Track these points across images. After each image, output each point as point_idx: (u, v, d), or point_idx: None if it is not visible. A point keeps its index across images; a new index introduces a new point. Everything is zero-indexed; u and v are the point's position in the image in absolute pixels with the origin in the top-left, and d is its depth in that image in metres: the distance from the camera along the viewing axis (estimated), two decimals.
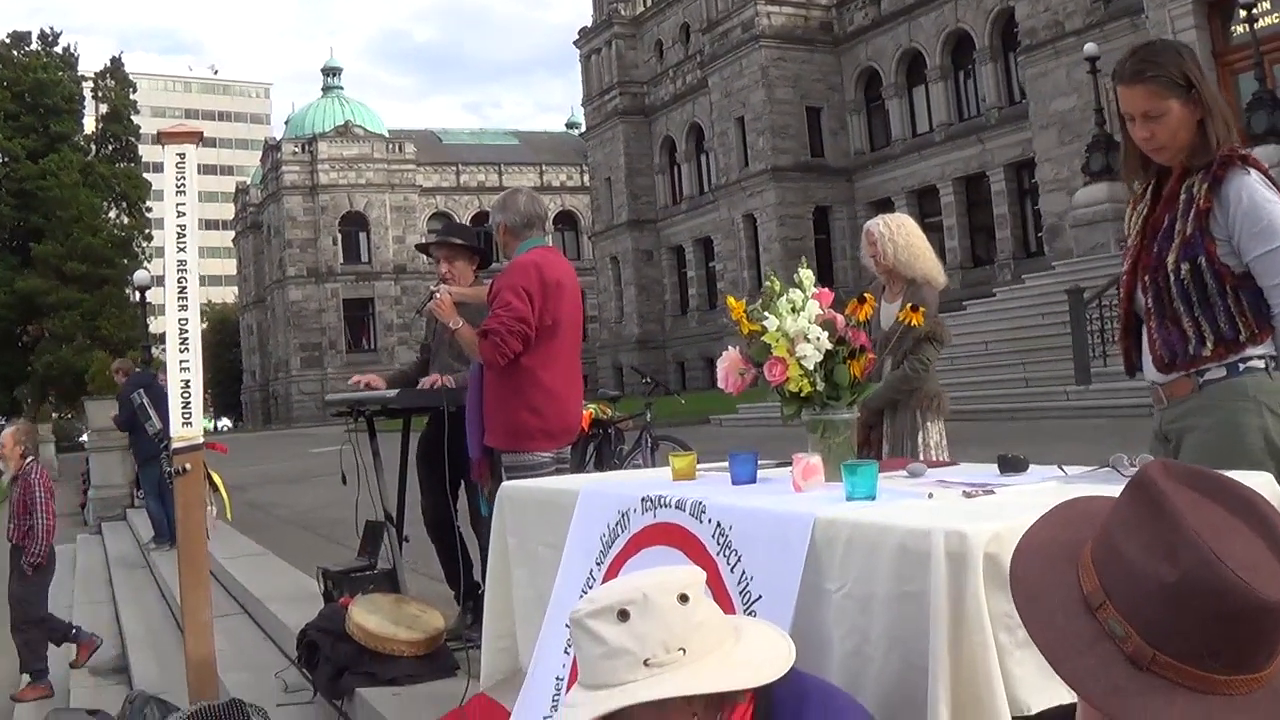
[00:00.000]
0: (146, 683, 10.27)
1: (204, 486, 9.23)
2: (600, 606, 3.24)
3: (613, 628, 3.18)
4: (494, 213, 8.47)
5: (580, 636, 3.26)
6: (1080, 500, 2.51)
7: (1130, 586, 2.05)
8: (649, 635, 3.15)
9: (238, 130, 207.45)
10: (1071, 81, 44.40)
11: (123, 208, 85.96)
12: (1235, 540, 2.00)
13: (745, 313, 5.14)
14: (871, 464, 4.39)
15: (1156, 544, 2.03)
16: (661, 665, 3.13)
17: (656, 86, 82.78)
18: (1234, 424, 4.90)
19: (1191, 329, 4.90)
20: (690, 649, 3.17)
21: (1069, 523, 2.39)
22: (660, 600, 3.20)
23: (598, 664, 3.20)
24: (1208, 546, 1.97)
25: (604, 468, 17.37)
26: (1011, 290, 40.63)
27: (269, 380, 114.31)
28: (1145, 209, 5.19)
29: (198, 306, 8.69)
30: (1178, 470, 2.16)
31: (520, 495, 6.31)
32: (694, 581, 3.33)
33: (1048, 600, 2.19)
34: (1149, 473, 2.14)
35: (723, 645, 3.27)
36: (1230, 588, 1.94)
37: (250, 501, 25.49)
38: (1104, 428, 22.24)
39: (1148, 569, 2.02)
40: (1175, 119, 4.90)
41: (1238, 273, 4.85)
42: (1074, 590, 2.17)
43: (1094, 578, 2.13)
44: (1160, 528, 2.04)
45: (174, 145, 8.76)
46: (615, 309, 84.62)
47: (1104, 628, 2.08)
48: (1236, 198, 4.81)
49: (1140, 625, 2.03)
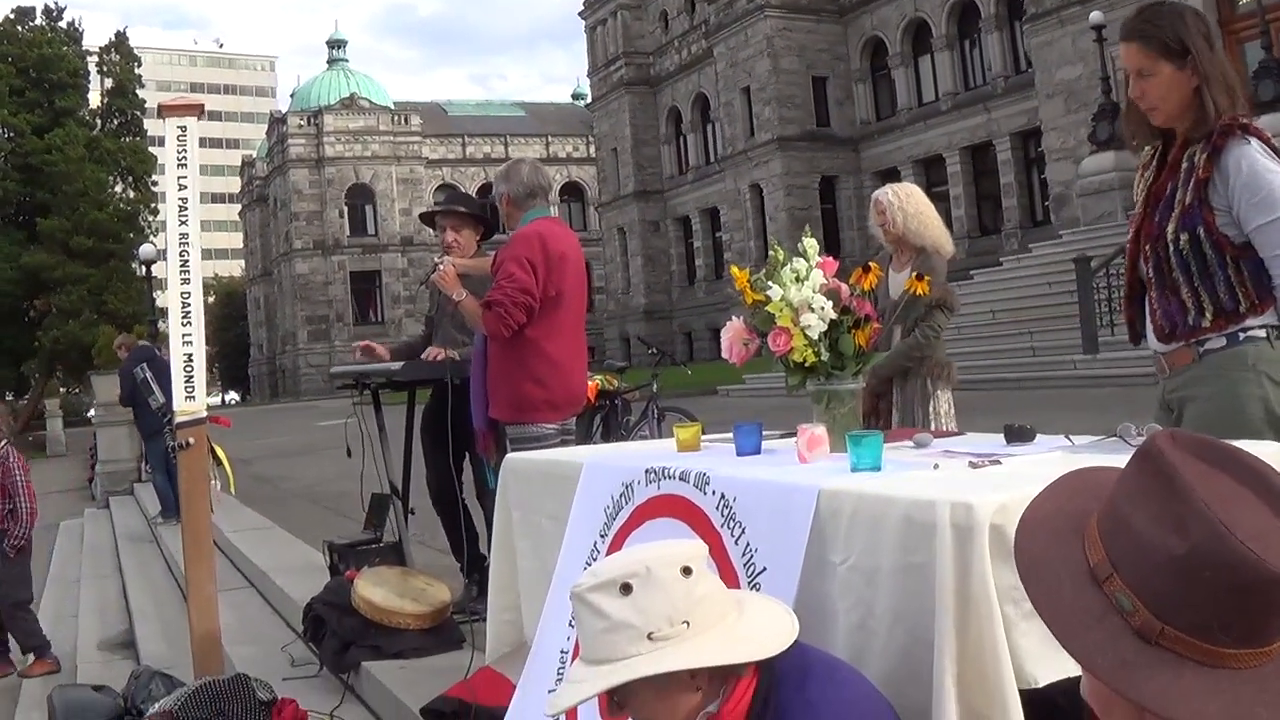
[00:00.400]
0: (153, 658, 10.25)
1: (208, 461, 9.20)
2: (602, 580, 3.24)
3: (615, 601, 3.17)
4: (497, 183, 8.42)
5: (582, 611, 3.26)
6: (1085, 471, 2.48)
7: (1138, 559, 2.02)
8: (652, 608, 3.15)
9: (243, 104, 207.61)
10: (1077, 50, 44.24)
11: (128, 182, 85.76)
12: (1245, 511, 1.98)
13: (749, 282, 5.10)
14: (876, 435, 4.36)
15: (1165, 516, 2.00)
16: (665, 639, 3.13)
17: (662, 57, 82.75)
18: (1234, 394, 4.88)
19: (1190, 299, 4.87)
20: (694, 622, 3.17)
21: (1074, 494, 2.36)
22: (663, 573, 3.20)
23: (600, 638, 3.20)
24: (1217, 518, 1.94)
25: (610, 439, 17.37)
26: (1018, 259, 40.64)
27: (276, 353, 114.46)
28: (1151, 177, 5.16)
29: (200, 280, 8.66)
30: (1186, 440, 2.13)
31: (525, 467, 6.28)
32: (697, 555, 3.32)
33: (1053, 573, 2.16)
34: (1156, 443, 2.11)
35: (725, 619, 3.26)
36: (1240, 560, 1.92)
37: (256, 475, 25.51)
38: (1111, 397, 22.21)
39: (1156, 541, 2.00)
40: (1165, 82, 4.90)
41: (1238, 243, 4.82)
42: (1080, 563, 2.14)
43: (1100, 550, 2.11)
44: (1169, 499, 2.01)
45: (175, 118, 8.73)
46: (622, 280, 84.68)
47: (1111, 601, 2.05)
48: (1236, 167, 4.78)
49: (1148, 598, 2.00)
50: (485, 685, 6.26)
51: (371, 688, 7.75)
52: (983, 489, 3.61)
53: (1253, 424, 4.74)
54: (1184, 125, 4.95)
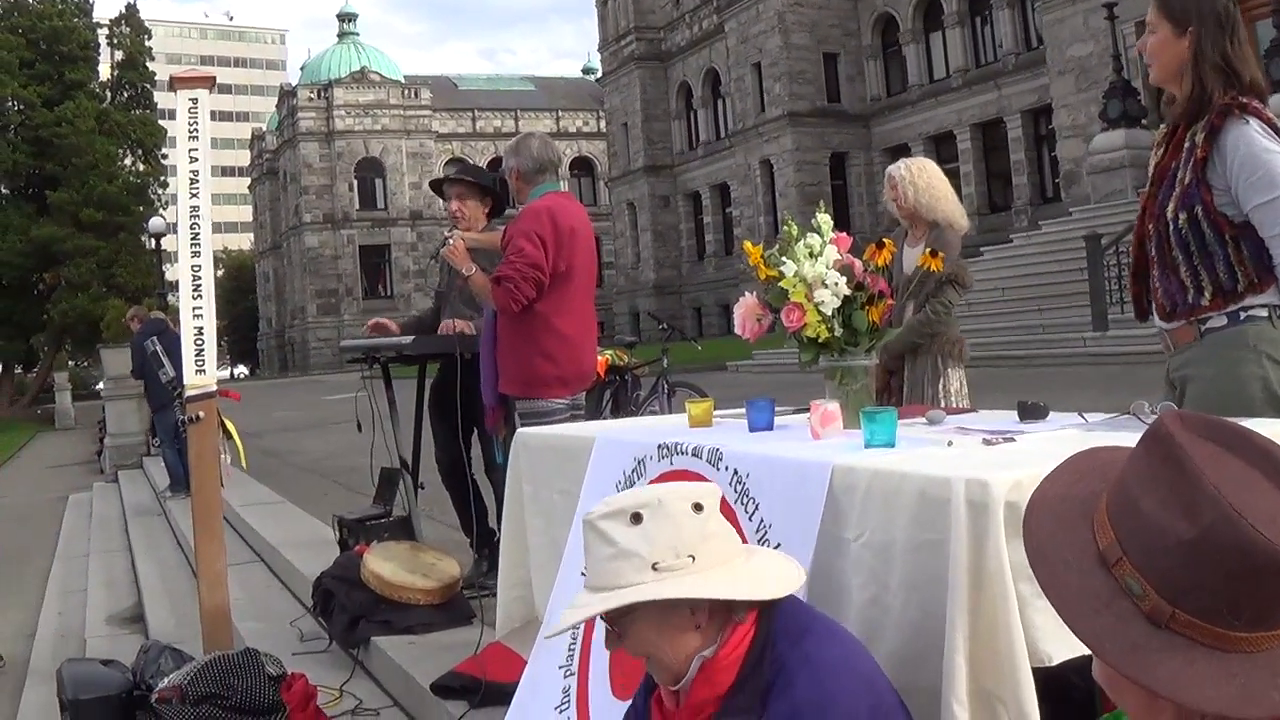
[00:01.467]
0: (162, 632, 10.26)
1: (218, 435, 9.19)
2: (614, 509, 3.28)
3: (624, 530, 3.22)
4: (507, 157, 8.39)
5: (591, 538, 3.30)
6: (1094, 451, 2.46)
7: (1148, 542, 2.01)
8: (660, 539, 3.19)
9: (253, 77, 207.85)
10: (1089, 28, 44.16)
11: (138, 155, 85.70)
12: (1255, 494, 1.97)
13: (762, 258, 5.08)
14: (890, 411, 4.35)
15: (1175, 499, 1.99)
16: (670, 569, 3.17)
17: (673, 32, 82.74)
18: (1234, 373, 4.88)
19: (1190, 278, 4.87)
20: (699, 557, 3.21)
21: (1083, 475, 2.35)
22: (674, 507, 3.24)
23: (606, 565, 3.24)
24: (1228, 502, 1.93)
25: (620, 414, 17.37)
26: (1028, 236, 40.61)
27: (285, 327, 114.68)
28: (1161, 154, 5.16)
29: (211, 253, 8.65)
30: (1195, 422, 2.12)
31: (535, 442, 6.28)
32: (709, 494, 3.37)
33: (1061, 556, 2.15)
34: (1165, 425, 2.09)
35: (732, 560, 3.29)
36: (1251, 543, 1.90)
37: (266, 449, 25.52)
38: (1121, 374, 22.18)
39: (1166, 524, 1.98)
40: (1161, 41, 4.94)
41: (1237, 222, 4.81)
42: (1089, 546, 2.13)
43: (1110, 533, 2.09)
44: (1179, 482, 1.99)
45: (186, 90, 8.71)
46: (632, 255, 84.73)
47: (1120, 584, 2.04)
48: (1234, 147, 4.77)
49: (1158, 582, 1.99)
50: (495, 661, 6.26)
51: (381, 663, 7.75)
52: (997, 466, 3.60)
53: (1253, 403, 4.74)
54: (1179, 94, 4.98)
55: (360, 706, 7.34)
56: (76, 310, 73.91)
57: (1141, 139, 36.78)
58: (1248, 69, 4.92)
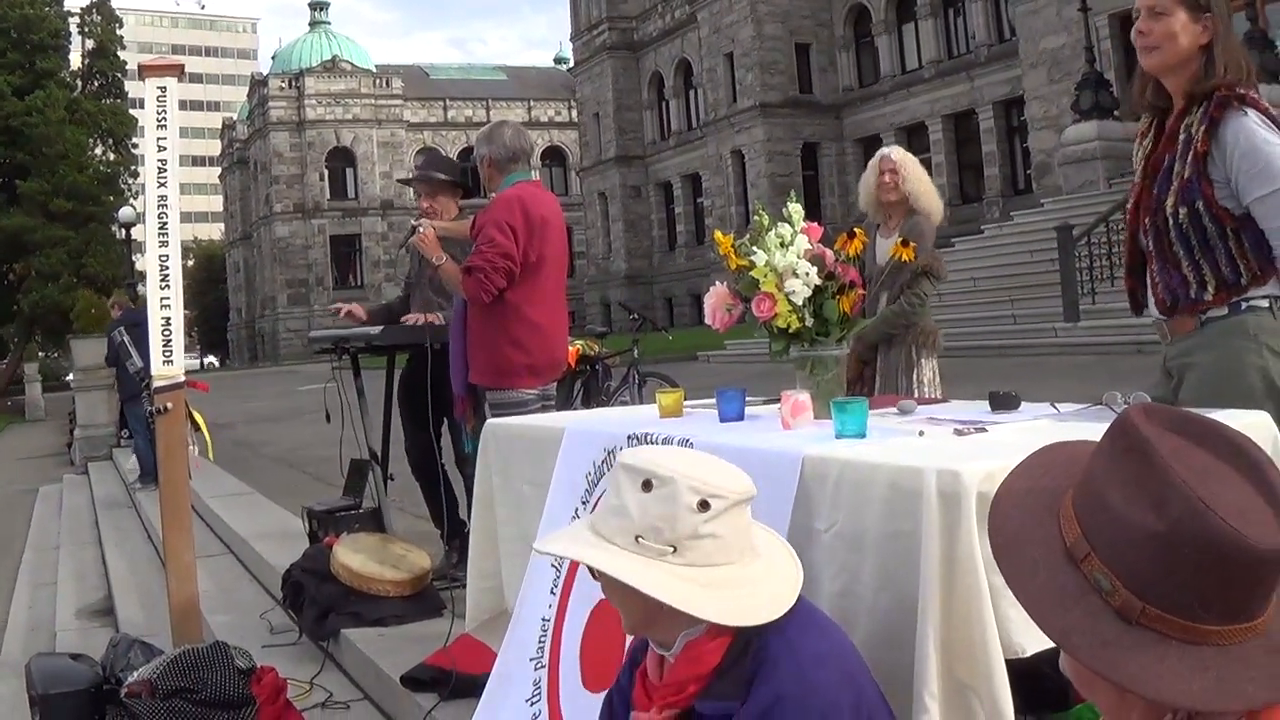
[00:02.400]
0: (132, 625, 10.22)
1: (186, 426, 9.15)
2: (637, 464, 3.26)
3: (632, 490, 3.21)
4: (479, 145, 8.36)
5: (612, 478, 3.31)
6: (1059, 446, 2.45)
7: (1116, 537, 2.00)
8: (652, 516, 3.17)
9: (224, 66, 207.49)
10: (1062, 19, 44.26)
11: (109, 144, 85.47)
12: (1224, 487, 1.96)
13: (733, 248, 5.06)
14: (861, 401, 4.34)
15: (1143, 493, 1.97)
16: (645, 549, 3.14)
17: (645, 22, 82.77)
18: (1233, 362, 4.87)
19: (1192, 273, 4.87)
20: (680, 551, 3.16)
21: (1047, 470, 2.34)
22: (682, 494, 3.19)
23: (606, 510, 3.27)
24: (1196, 495, 1.92)
25: (591, 404, 17.37)
26: (1000, 227, 40.75)
27: (255, 317, 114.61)
28: (1149, 146, 5.14)
29: (179, 242, 8.60)
30: (1161, 414, 2.11)
31: (505, 433, 6.26)
32: (728, 493, 3.25)
33: (1028, 552, 2.13)
34: (1131, 418, 2.08)
35: (723, 566, 3.23)
36: (1221, 537, 1.90)
37: (236, 439, 25.50)
38: (1092, 364, 22.28)
39: (1134, 519, 1.97)
40: (1176, 24, 4.87)
41: (1237, 215, 4.81)
42: (1056, 541, 2.12)
43: (1077, 528, 2.08)
44: (1146, 476, 1.98)
45: (155, 78, 8.66)
46: (603, 245, 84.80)
47: (1089, 580, 2.03)
48: (1234, 140, 4.76)
49: (1128, 577, 1.98)
50: (465, 653, 6.25)
51: (351, 655, 7.73)
52: (969, 456, 3.61)
53: (1251, 393, 4.75)
54: (1181, 79, 4.94)
55: (330, 699, 7.32)
56: (47, 301, 73.66)
57: (1113, 131, 36.88)
58: (1245, 56, 4.94)
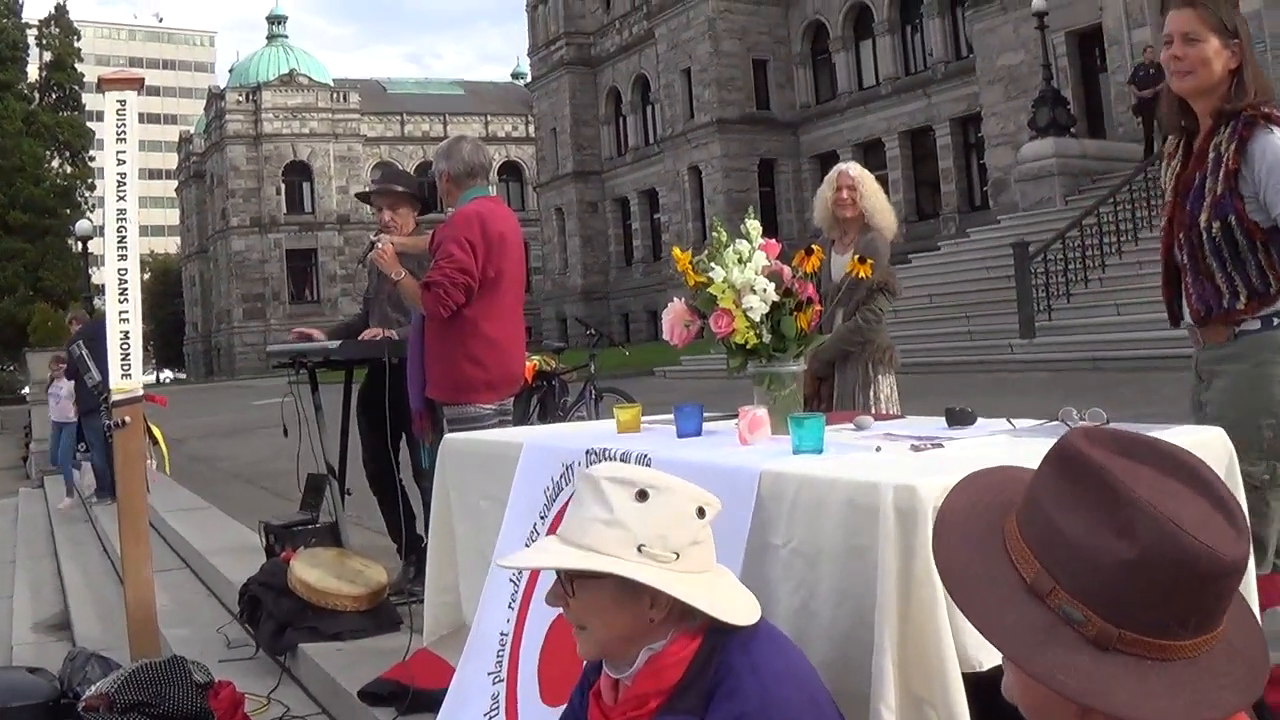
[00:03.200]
0: (89, 640, 10.17)
1: (144, 440, 9.14)
2: (624, 476, 3.30)
3: (627, 501, 3.22)
4: (437, 160, 8.37)
5: (588, 494, 3.29)
6: (984, 474, 2.47)
7: (1081, 567, 2.00)
8: (655, 525, 3.21)
9: (182, 79, 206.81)
10: (1019, 37, 44.44)
11: (66, 157, 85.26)
12: (1182, 504, 1.98)
13: (691, 264, 5.09)
14: (818, 417, 4.36)
15: (1106, 520, 1.98)
16: (651, 558, 3.18)
17: (603, 37, 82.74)
18: (1260, 375, 5.14)
19: (1225, 284, 5.17)
20: (683, 558, 3.22)
21: (981, 499, 2.34)
22: (682, 502, 3.27)
23: (593, 526, 3.23)
24: (1165, 517, 1.93)
25: (548, 420, 17.37)
26: (956, 244, 40.83)
27: (211, 332, 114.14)
28: (1178, 166, 5.33)
29: (138, 256, 8.60)
30: (1103, 437, 2.12)
31: (462, 448, 6.27)
32: (713, 504, 3.37)
33: (988, 594, 2.11)
34: (1074, 444, 2.10)
35: (708, 573, 3.31)
36: (1195, 555, 1.92)
37: (192, 454, 25.43)
38: (1048, 381, 22.37)
39: (1100, 547, 1.98)
40: (1210, 50, 5.08)
41: (1265, 227, 5.05)
42: (1012, 579, 2.10)
43: (1034, 563, 2.07)
44: (1106, 502, 1.99)
45: (114, 91, 8.67)
46: (560, 260, 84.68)
47: (1058, 614, 2.02)
48: (1261, 155, 4.99)
49: (1100, 606, 1.98)
50: (423, 667, 6.25)
51: (309, 670, 7.72)
52: (926, 472, 3.62)
53: (1271, 403, 5.08)
54: (1211, 101, 5.16)
55: (288, 714, 7.30)
56: (2, 314, 73.38)
57: (1070, 148, 37.07)
58: (1265, 78, 5.12)
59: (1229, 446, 4.27)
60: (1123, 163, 35.36)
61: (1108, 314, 27.41)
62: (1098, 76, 42.86)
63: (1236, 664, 2.05)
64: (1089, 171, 36.84)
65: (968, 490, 2.40)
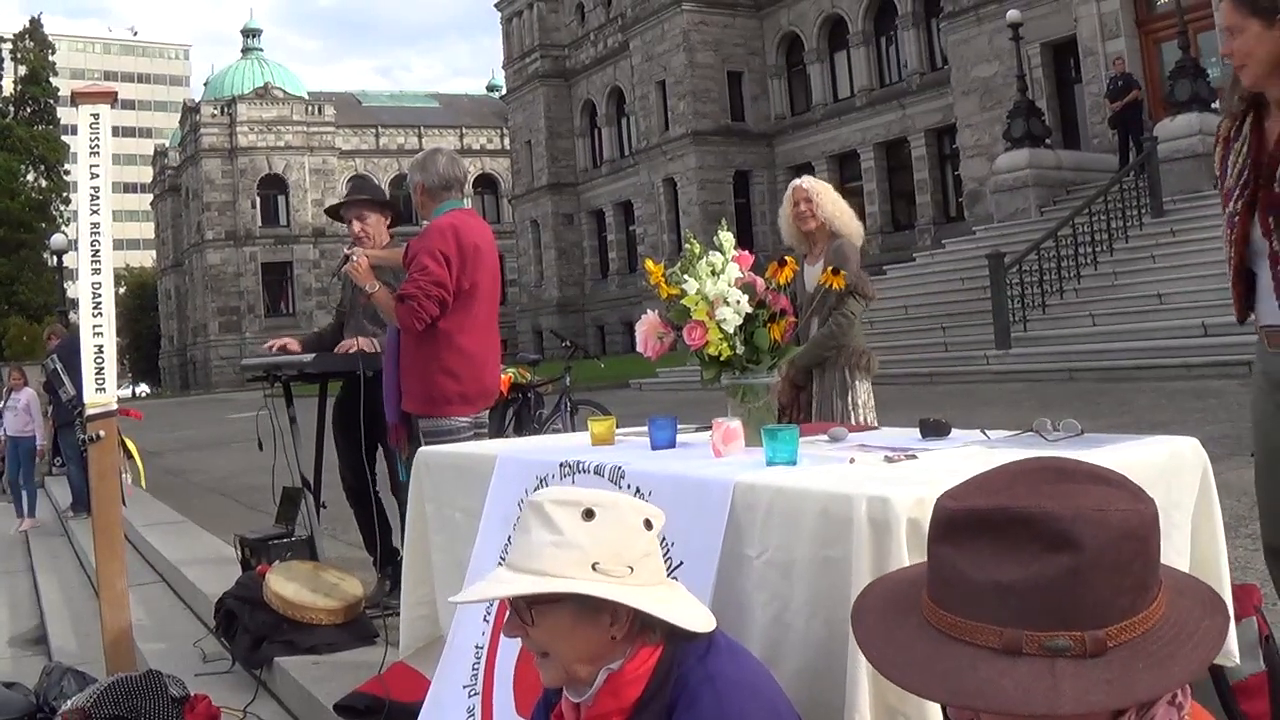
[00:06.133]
0: (65, 654, 10.17)
1: (119, 453, 9.13)
2: (568, 499, 3.28)
3: (573, 521, 3.21)
4: (412, 172, 8.36)
5: (533, 519, 3.27)
6: (871, 590, 2.52)
7: (1042, 599, 2.01)
8: (606, 542, 3.19)
9: (156, 92, 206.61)
10: (994, 48, 44.58)
11: (40, 171, 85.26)
12: (1083, 495, 2.05)
13: (664, 276, 5.09)
14: (792, 428, 4.36)
15: (1033, 544, 2.01)
16: (606, 574, 3.16)
17: (578, 50, 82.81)
18: None
19: None
20: (637, 571, 3.21)
21: (882, 616, 2.36)
22: (629, 516, 3.27)
23: (543, 551, 3.21)
24: (1085, 509, 1.99)
25: (523, 432, 17.40)
26: (931, 255, 40.89)
27: (187, 345, 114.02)
28: (1248, 149, 5.13)
29: (111, 270, 8.58)
30: (967, 489, 2.20)
31: (438, 461, 6.27)
32: (658, 515, 3.38)
33: (972, 680, 2.09)
34: (951, 507, 2.16)
35: (661, 585, 3.31)
36: (1125, 522, 2.00)
37: (167, 468, 25.36)
38: (1023, 392, 22.41)
39: (1046, 570, 1.99)
40: (1252, 37, 4.89)
41: None
42: (979, 654, 2.09)
43: (993, 629, 2.08)
44: (1023, 530, 2.02)
45: (88, 105, 8.65)
46: (535, 272, 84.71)
47: (1045, 653, 2.03)
48: None
49: (1076, 622, 2.00)
50: (399, 680, 6.26)
51: (284, 683, 7.71)
52: (899, 483, 3.62)
53: None
54: (1274, 87, 4.95)
55: None
56: None
57: (1045, 159, 37.17)
58: None
59: (1202, 455, 4.26)
60: (1098, 174, 35.50)
61: (1083, 325, 27.52)
62: (1072, 88, 43.04)
63: (1197, 609, 2.11)
64: (1064, 182, 36.97)
65: (864, 620, 2.41)
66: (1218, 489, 4.36)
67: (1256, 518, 5.17)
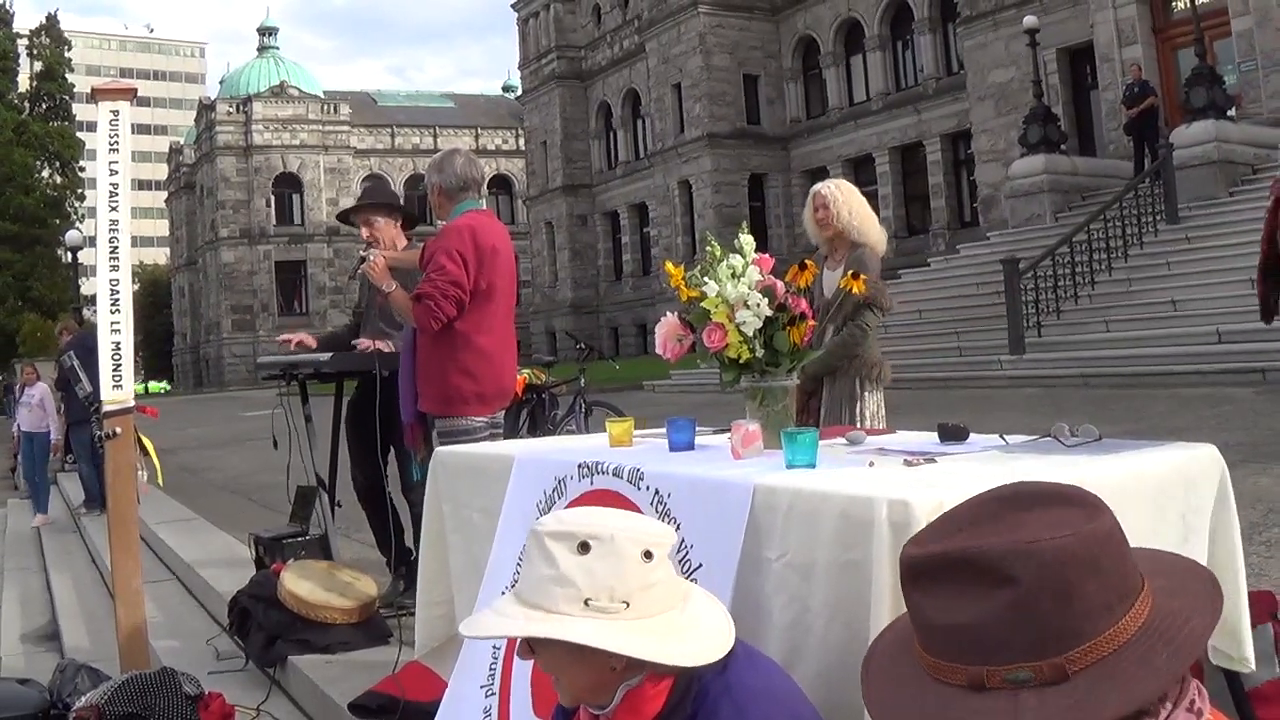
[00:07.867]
0: (78, 651, 10.18)
1: (134, 451, 9.12)
2: (565, 530, 3.24)
3: (568, 555, 3.18)
4: (429, 173, 8.35)
5: (534, 550, 3.26)
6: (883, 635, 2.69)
7: (995, 636, 2.05)
8: (600, 576, 3.15)
9: (172, 90, 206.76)
10: (1010, 53, 44.57)
11: (56, 167, 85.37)
12: (1027, 524, 2.08)
13: (684, 278, 5.09)
14: (811, 431, 4.36)
15: (977, 584, 2.03)
16: (600, 611, 3.13)
17: (594, 51, 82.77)
18: None
19: None
20: (634, 605, 3.16)
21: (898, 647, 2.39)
22: (625, 548, 3.20)
23: (540, 584, 3.20)
24: (1016, 543, 2.02)
25: (537, 433, 17.38)
26: (946, 260, 40.91)
27: (200, 343, 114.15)
28: None
29: (129, 267, 8.58)
30: (927, 533, 2.31)
31: (454, 461, 6.26)
32: (664, 540, 3.33)
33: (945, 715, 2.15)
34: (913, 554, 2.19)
35: (668, 612, 3.25)
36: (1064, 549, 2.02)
37: (182, 465, 25.37)
38: (1038, 397, 22.38)
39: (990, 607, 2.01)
40: None
41: None
42: (955, 692, 2.14)
43: (959, 667, 2.12)
44: (971, 572, 2.04)
45: (107, 102, 8.64)
46: (549, 274, 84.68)
47: (1008, 687, 2.05)
48: None
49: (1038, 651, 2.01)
50: (413, 680, 6.26)
51: (298, 682, 7.72)
52: (919, 486, 3.62)
53: None
54: None
55: None
56: None
57: (1061, 164, 37.12)
58: None
59: (1220, 462, 4.25)
60: (1113, 180, 35.46)
61: (1098, 331, 27.49)
62: (1088, 93, 43.01)
63: (1185, 612, 2.09)
64: (1079, 188, 36.92)
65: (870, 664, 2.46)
66: None
67: (1271, 525, 5.15)
